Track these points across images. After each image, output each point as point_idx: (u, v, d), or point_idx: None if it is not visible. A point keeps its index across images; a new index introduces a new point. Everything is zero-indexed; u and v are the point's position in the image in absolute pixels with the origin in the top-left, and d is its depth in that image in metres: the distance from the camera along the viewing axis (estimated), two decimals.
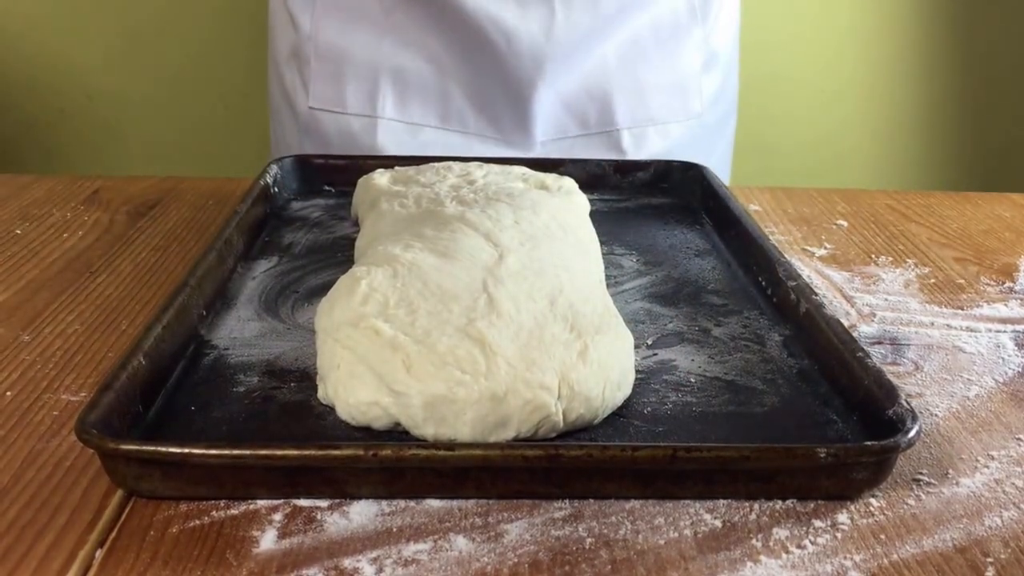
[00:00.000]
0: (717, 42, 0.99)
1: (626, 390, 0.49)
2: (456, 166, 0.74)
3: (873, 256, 0.75)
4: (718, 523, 0.43)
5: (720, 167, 1.03)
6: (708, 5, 0.97)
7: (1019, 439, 0.50)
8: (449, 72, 0.92)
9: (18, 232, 0.75)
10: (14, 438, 0.48)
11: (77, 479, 0.45)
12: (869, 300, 0.67)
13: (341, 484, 0.43)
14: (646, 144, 0.96)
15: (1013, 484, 0.47)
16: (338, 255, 0.68)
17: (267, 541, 0.41)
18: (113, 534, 0.41)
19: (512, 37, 0.89)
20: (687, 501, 0.44)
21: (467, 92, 0.93)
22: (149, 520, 0.42)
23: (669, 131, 0.97)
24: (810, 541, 0.42)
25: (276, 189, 0.78)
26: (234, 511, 0.43)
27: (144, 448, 0.42)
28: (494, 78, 0.91)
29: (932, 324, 0.63)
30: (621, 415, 0.49)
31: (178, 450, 0.42)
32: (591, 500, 0.44)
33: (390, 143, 0.93)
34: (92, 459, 0.45)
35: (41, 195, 0.84)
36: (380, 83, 0.92)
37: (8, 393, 0.52)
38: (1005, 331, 0.63)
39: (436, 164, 0.75)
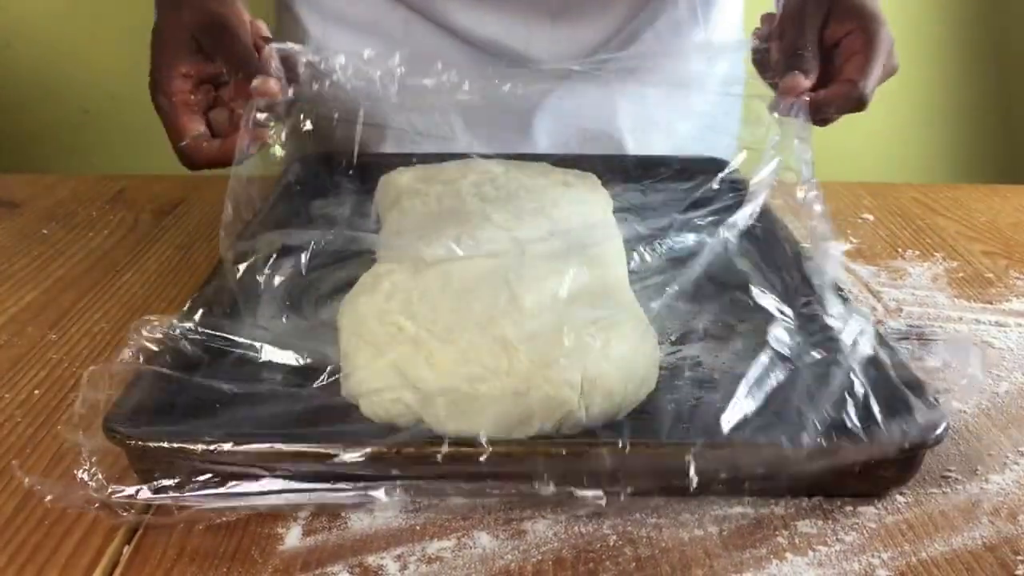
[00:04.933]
0: (721, 39, 0.99)
1: (650, 386, 0.49)
2: (478, 163, 0.74)
3: (900, 250, 0.74)
4: (744, 520, 0.43)
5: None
6: (709, 6, 0.97)
7: None
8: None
9: (44, 232, 0.76)
10: (42, 436, 0.49)
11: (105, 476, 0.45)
12: (896, 295, 0.66)
13: (365, 481, 0.43)
14: (651, 147, 0.96)
15: None
16: (361, 253, 0.68)
17: (292, 538, 0.41)
18: (140, 531, 0.42)
19: (517, 60, 0.90)
20: (712, 498, 0.44)
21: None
22: (176, 517, 0.42)
23: (674, 130, 0.96)
24: (837, 539, 0.42)
25: (299, 187, 0.78)
26: (260, 508, 0.43)
27: (170, 445, 0.42)
28: (501, 93, 0.93)
29: (960, 319, 0.63)
30: (645, 411, 0.48)
31: (204, 447, 0.42)
32: (615, 497, 0.44)
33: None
34: (119, 456, 0.46)
35: (67, 195, 0.85)
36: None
37: (36, 391, 0.53)
38: None
39: (457, 161, 0.75)
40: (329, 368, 0.52)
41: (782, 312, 0.59)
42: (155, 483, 0.43)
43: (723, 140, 1.03)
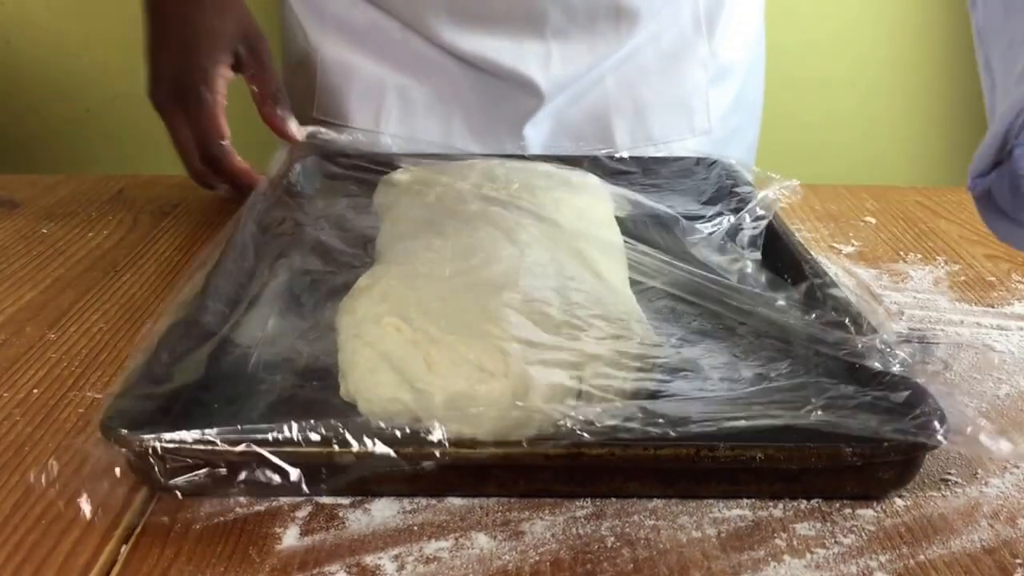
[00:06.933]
0: (727, 55, 0.97)
1: (649, 388, 0.49)
2: (478, 163, 0.74)
3: (902, 253, 0.74)
4: (742, 523, 0.43)
5: None
6: (715, 19, 0.95)
7: None
8: (451, 94, 0.93)
9: (44, 231, 0.76)
10: (40, 435, 0.49)
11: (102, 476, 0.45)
12: (897, 298, 0.66)
13: (363, 481, 0.43)
14: None
15: None
16: (360, 253, 0.68)
17: (290, 538, 0.41)
18: (138, 530, 0.42)
19: (509, 76, 0.90)
20: (710, 500, 0.44)
21: (468, 114, 0.93)
22: (173, 516, 0.42)
23: (672, 149, 0.96)
24: (835, 541, 0.42)
25: (299, 187, 0.78)
26: (257, 508, 0.43)
27: (167, 445, 0.42)
28: (494, 104, 0.93)
29: (962, 322, 0.62)
30: (644, 414, 0.48)
31: (201, 448, 0.42)
32: (613, 499, 0.44)
33: None
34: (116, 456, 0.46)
35: (66, 195, 0.85)
36: (385, 100, 0.93)
37: (35, 391, 0.53)
38: None
39: (458, 162, 0.75)
40: (328, 368, 0.52)
41: (783, 315, 0.59)
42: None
43: (732, 156, 1.03)
